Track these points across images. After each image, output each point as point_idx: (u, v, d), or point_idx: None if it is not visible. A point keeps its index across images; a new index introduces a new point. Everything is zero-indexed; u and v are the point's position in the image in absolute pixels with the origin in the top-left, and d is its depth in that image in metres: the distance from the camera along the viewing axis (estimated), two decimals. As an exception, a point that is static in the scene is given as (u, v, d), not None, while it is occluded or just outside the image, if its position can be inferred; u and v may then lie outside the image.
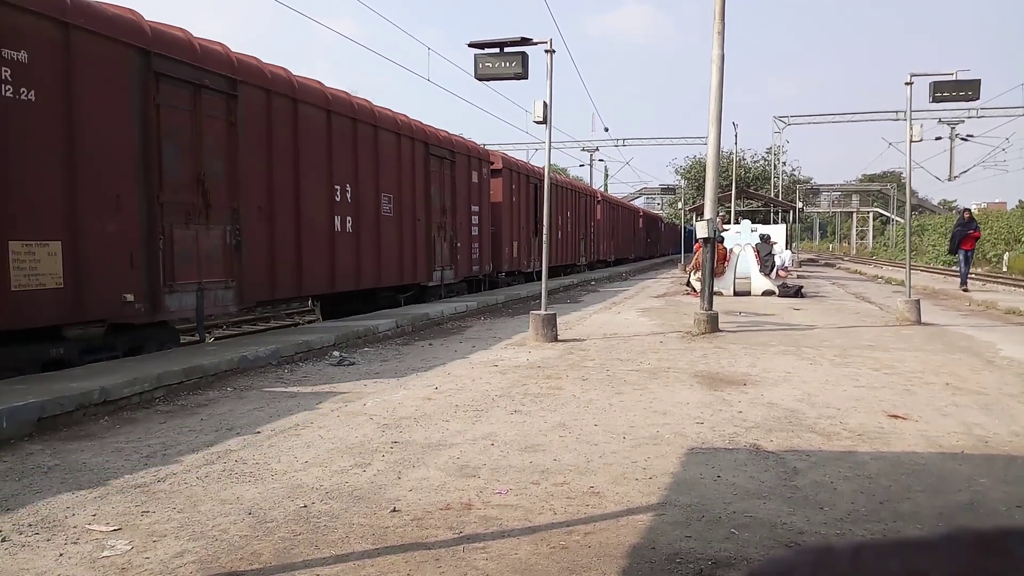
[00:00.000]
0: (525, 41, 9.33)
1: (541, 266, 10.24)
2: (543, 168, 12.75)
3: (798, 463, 4.27)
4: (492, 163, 17.42)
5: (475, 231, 16.16)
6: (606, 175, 55.71)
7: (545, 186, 10.33)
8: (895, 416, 5.40)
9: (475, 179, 16.01)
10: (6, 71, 5.98)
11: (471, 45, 9.44)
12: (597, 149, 48.99)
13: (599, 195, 30.85)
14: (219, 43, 8.65)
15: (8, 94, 5.99)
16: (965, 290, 16.75)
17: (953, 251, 18.29)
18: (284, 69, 9.90)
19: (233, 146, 8.59)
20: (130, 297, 7.19)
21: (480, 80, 9.50)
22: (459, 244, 15.30)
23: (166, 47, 7.60)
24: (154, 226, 7.51)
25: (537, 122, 9.39)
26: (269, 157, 9.26)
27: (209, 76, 8.15)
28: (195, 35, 8.25)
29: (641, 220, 42.86)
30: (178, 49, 7.79)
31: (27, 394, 5.20)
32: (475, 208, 16.08)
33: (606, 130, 42.73)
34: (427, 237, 13.80)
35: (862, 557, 0.42)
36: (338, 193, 10.79)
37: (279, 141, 9.43)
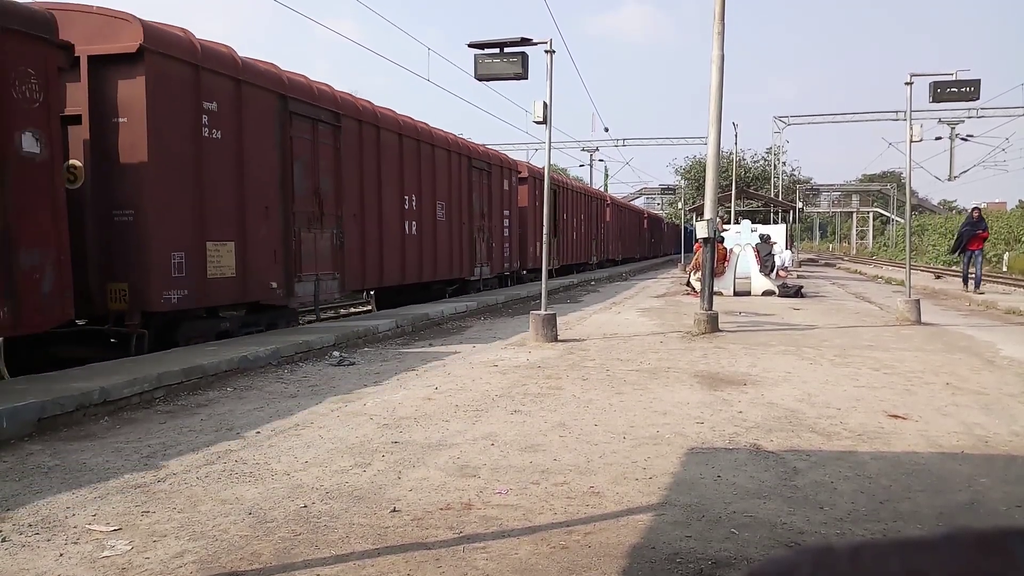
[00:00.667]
0: (525, 41, 9.33)
1: (559, 264, 11.86)
2: (560, 174, 15.42)
3: (798, 463, 4.27)
4: (520, 172, 19.57)
5: (506, 232, 18.39)
6: (606, 175, 55.72)
7: (545, 186, 10.34)
8: (895, 416, 5.40)
9: (506, 187, 18.17)
10: (205, 117, 8.06)
11: (471, 45, 9.44)
12: (597, 149, 49.05)
13: (608, 199, 32.58)
14: (327, 84, 10.78)
15: (206, 134, 8.09)
16: (973, 291, 15.94)
17: (956, 250, 17.24)
18: (369, 102, 11.95)
19: (337, 166, 10.69)
20: (274, 284, 9.36)
21: (480, 80, 9.51)
22: (494, 244, 17.53)
23: (296, 91, 9.69)
24: (288, 230, 9.62)
25: (537, 122, 9.39)
26: (361, 174, 11.41)
27: (323, 112, 10.33)
28: (312, 79, 10.38)
29: (645, 221, 43.83)
30: (303, 92, 9.90)
31: (27, 394, 5.20)
32: (506, 212, 18.29)
33: (606, 130, 42.77)
34: (470, 238, 16.01)
35: (862, 557, 0.42)
36: (407, 202, 13.00)
37: (367, 161, 11.59)
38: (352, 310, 15.06)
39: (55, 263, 6.35)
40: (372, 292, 13.59)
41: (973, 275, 16.47)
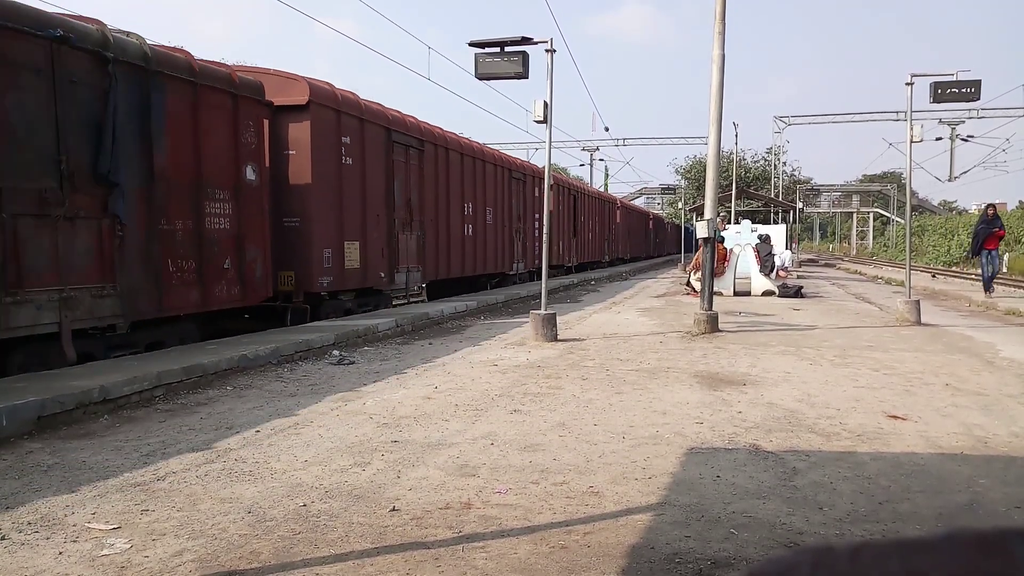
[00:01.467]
0: (525, 40, 9.32)
1: (578, 261, 15.96)
2: (578, 180, 17.60)
3: (797, 463, 4.27)
4: (616, 202, 26.17)
5: (537, 233, 20.78)
6: (606, 175, 55.70)
7: (545, 186, 10.34)
8: (895, 417, 5.40)
9: (536, 193, 20.78)
10: (343, 148, 10.81)
11: (472, 44, 9.44)
12: (597, 149, 49.01)
13: (619, 202, 34.97)
14: (412, 116, 13.43)
15: (343, 161, 10.84)
16: (989, 296, 14.88)
17: (976, 251, 15.90)
18: (440, 128, 14.67)
19: (421, 181, 13.50)
20: (383, 274, 12.22)
21: (481, 79, 9.50)
22: (527, 243, 20.45)
23: (396, 124, 12.49)
24: (391, 233, 12.40)
25: (537, 121, 9.39)
26: (436, 187, 14.22)
27: (412, 139, 13.05)
28: (406, 113, 13.16)
29: (651, 223, 44.74)
30: (401, 125, 12.67)
31: (27, 392, 5.20)
32: (536, 216, 20.90)
33: (606, 129, 42.74)
34: (510, 238, 19.08)
35: (861, 557, 0.42)
36: (466, 209, 15.83)
37: (440, 176, 14.43)
38: (412, 299, 16.50)
39: (263, 257, 9.28)
40: (424, 285, 15.61)
41: (990, 275, 15.67)
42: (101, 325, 7.01)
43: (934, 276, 23.46)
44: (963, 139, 42.75)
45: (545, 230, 10.17)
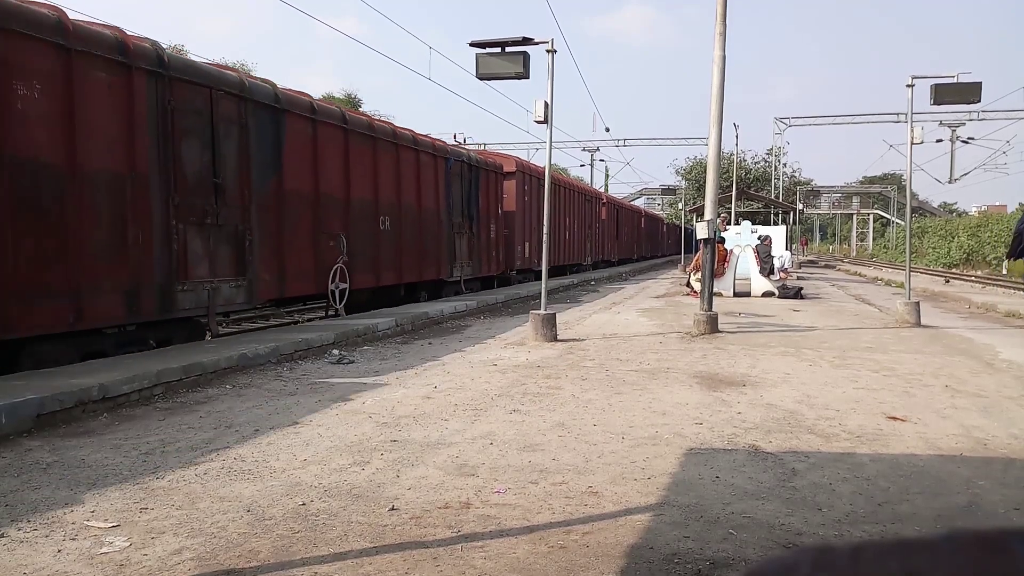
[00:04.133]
0: (526, 41, 9.32)
1: (596, 260, 23.02)
2: (603, 189, 18.45)
3: (797, 464, 4.27)
4: (601, 197, 30.80)
5: (580, 235, 26.92)
6: (607, 175, 55.72)
7: (546, 187, 10.33)
8: (894, 418, 5.40)
9: (586, 201, 27.52)
10: (526, 192, 19.85)
11: (473, 44, 9.44)
12: (598, 149, 49.03)
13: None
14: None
15: (525, 199, 19.78)
16: None
17: (1015, 254, 15.04)
18: (558, 174, 23.43)
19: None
20: (536, 261, 18.95)
21: (481, 79, 9.50)
22: (594, 242, 28.59)
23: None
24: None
25: (538, 122, 9.39)
26: (559, 210, 22.31)
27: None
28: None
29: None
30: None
31: (26, 390, 5.20)
32: (587, 221, 27.59)
33: (607, 130, 42.72)
34: (580, 236, 26.49)
35: (862, 557, 0.42)
36: (568, 222, 24.34)
37: (559, 203, 22.33)
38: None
39: (520, 250, 18.37)
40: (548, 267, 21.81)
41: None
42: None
43: (947, 281, 22.49)
44: (963, 141, 42.75)
45: (545, 231, 10.16)
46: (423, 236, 13.66)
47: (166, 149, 7.61)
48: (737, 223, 22.23)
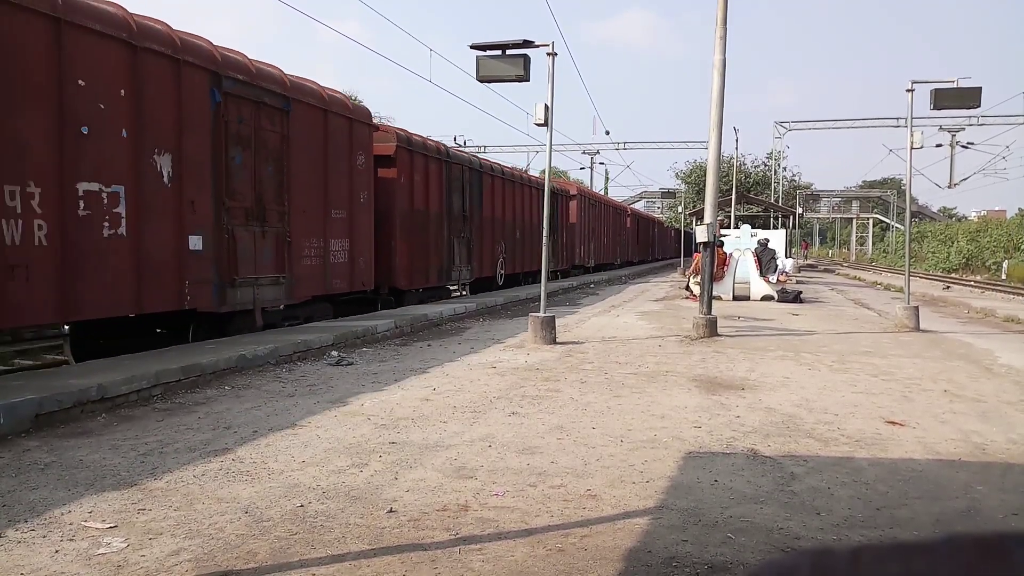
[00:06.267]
0: (527, 44, 9.33)
1: (595, 263, 27.49)
2: (654, 214, 24.13)
3: (795, 468, 4.27)
4: (628, 212, 37.66)
5: (611, 240, 33.11)
6: (606, 178, 55.72)
7: (546, 189, 10.34)
8: (893, 422, 5.40)
9: (617, 213, 34.61)
10: (589, 210, 28.17)
11: (473, 47, 9.45)
12: (598, 152, 49.04)
13: (630, 210, 39.52)
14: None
15: (584, 216, 27.48)
16: None
17: None
18: (609, 199, 36.93)
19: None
20: (589, 258, 27.81)
21: (482, 82, 9.51)
22: (606, 246, 32.61)
23: (590, 195, 28.75)
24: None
25: (539, 124, 9.40)
26: (601, 221, 30.42)
27: (599, 203, 30.24)
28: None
29: (655, 228, 46.41)
30: (591, 195, 29.48)
31: (25, 390, 5.20)
32: (620, 231, 34.97)
33: (607, 133, 42.65)
34: (635, 242, 36.61)
35: (861, 560, 0.42)
36: (609, 232, 31.97)
37: (595, 217, 29.07)
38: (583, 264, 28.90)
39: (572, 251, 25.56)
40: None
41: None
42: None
43: (947, 287, 22.36)
44: (963, 146, 42.79)
45: (545, 232, 10.17)
46: (533, 242, 20.50)
47: (449, 198, 14.85)
48: (737, 227, 22.24)
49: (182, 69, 7.76)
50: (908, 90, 11.30)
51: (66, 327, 6.78)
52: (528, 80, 9.39)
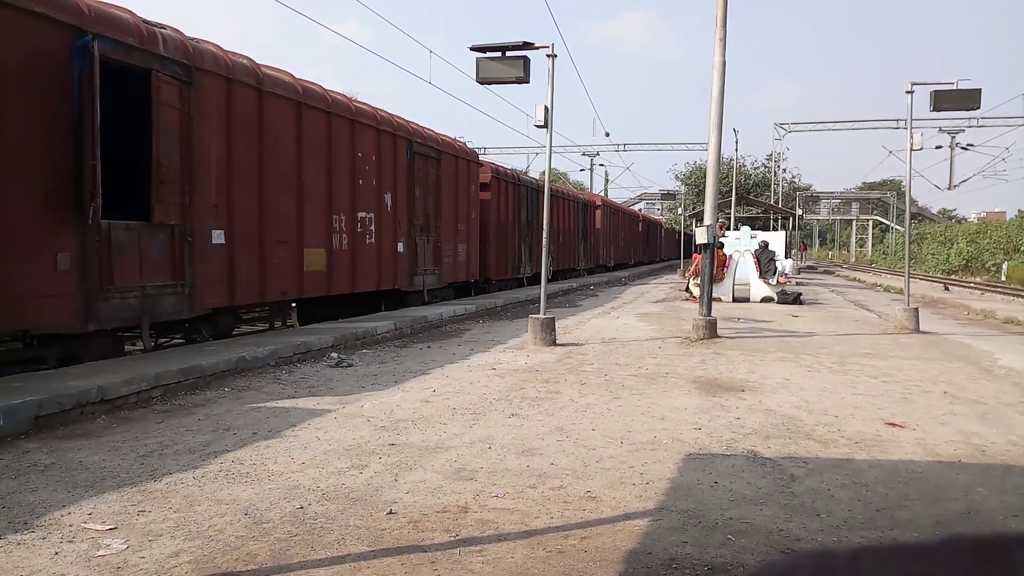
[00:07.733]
0: (527, 45, 9.34)
1: (636, 260, 32.15)
2: (653, 215, 28.84)
3: (795, 470, 4.27)
4: (639, 217, 41.32)
5: (626, 242, 37.51)
6: (606, 179, 55.76)
7: (546, 190, 10.35)
8: (893, 424, 5.40)
9: (631, 219, 39.16)
10: (611, 218, 33.74)
11: (473, 49, 9.46)
12: (598, 154, 49.04)
13: (599, 201, 36.23)
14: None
15: (609, 221, 33.67)
16: None
17: None
18: (619, 205, 41.05)
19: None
20: (611, 260, 33.31)
21: (482, 84, 9.52)
22: (623, 248, 37.06)
23: (584, 200, 29.31)
24: (578, 246, 26.48)
25: (538, 126, 9.40)
26: (612, 230, 34.42)
27: (624, 215, 39.02)
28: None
29: (641, 225, 45.20)
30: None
31: (24, 392, 5.20)
32: (633, 235, 39.62)
33: (607, 135, 42.68)
34: (645, 244, 42.68)
35: (860, 561, 0.42)
36: (621, 235, 36.58)
37: (615, 224, 34.98)
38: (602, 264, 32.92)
39: (594, 252, 30.24)
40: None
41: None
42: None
43: (947, 288, 22.27)
44: (963, 147, 42.81)
45: (545, 234, 10.17)
46: (574, 244, 25.78)
47: (519, 212, 19.57)
48: (737, 228, 22.25)
49: (397, 141, 12.57)
50: (908, 92, 11.30)
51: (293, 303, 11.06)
52: (528, 82, 9.40)
